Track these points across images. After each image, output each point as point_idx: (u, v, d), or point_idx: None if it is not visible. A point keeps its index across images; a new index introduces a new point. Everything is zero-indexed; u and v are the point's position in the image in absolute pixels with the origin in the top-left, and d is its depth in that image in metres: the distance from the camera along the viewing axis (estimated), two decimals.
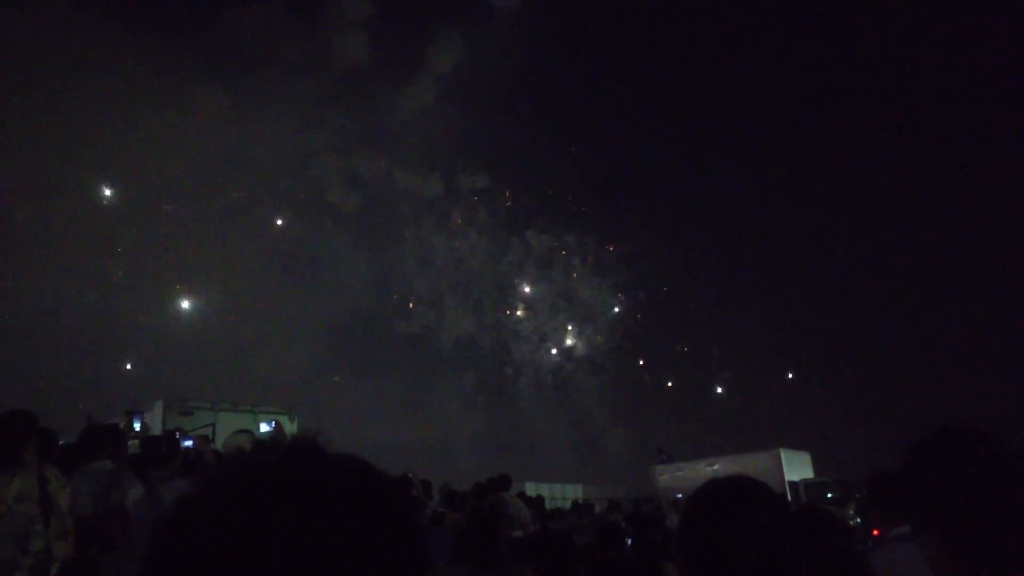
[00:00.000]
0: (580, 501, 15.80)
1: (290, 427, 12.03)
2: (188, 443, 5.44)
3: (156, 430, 9.55)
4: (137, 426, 8.51)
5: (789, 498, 16.40)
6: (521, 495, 10.26)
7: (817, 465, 22.28)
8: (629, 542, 6.10)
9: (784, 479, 19.13)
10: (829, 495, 17.33)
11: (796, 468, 20.95)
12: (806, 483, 19.12)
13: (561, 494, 21.23)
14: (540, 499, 12.46)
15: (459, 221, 39.25)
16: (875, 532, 3.34)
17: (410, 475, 8.49)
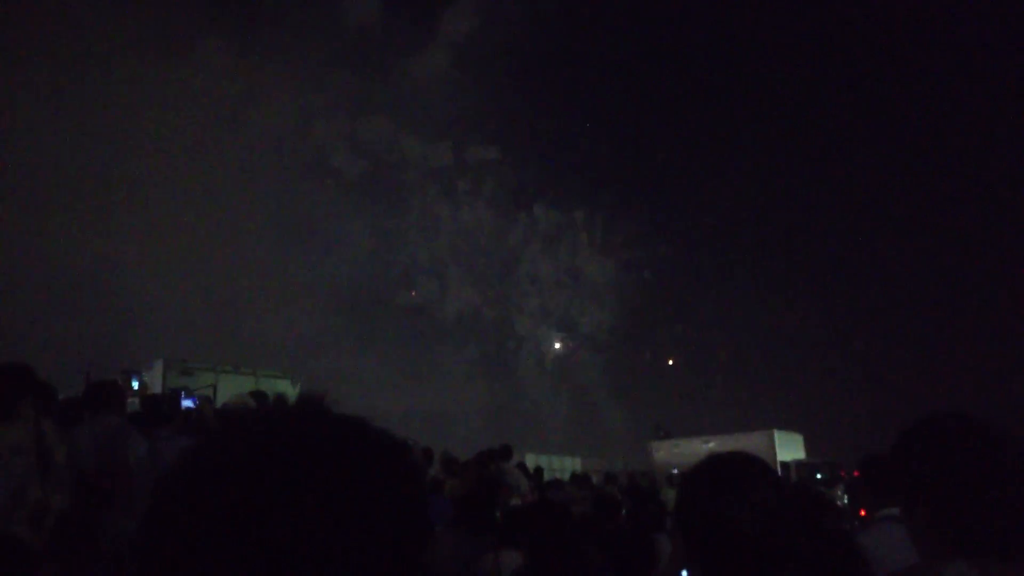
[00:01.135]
0: (578, 473, 15.98)
1: (292, 391, 12.12)
2: (189, 403, 5.48)
3: (156, 390, 9.62)
4: (136, 385, 8.56)
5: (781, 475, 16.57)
6: (520, 466, 10.37)
7: (809, 446, 22.52)
8: (624, 513, 6.18)
9: (776, 459, 19.36)
10: (819, 476, 17.55)
11: (789, 449, 21.20)
12: (797, 464, 19.34)
13: (560, 466, 21.47)
14: (539, 470, 12.60)
15: (466, 192, 38.95)
16: (863, 513, 3.39)
17: (410, 442, 8.58)
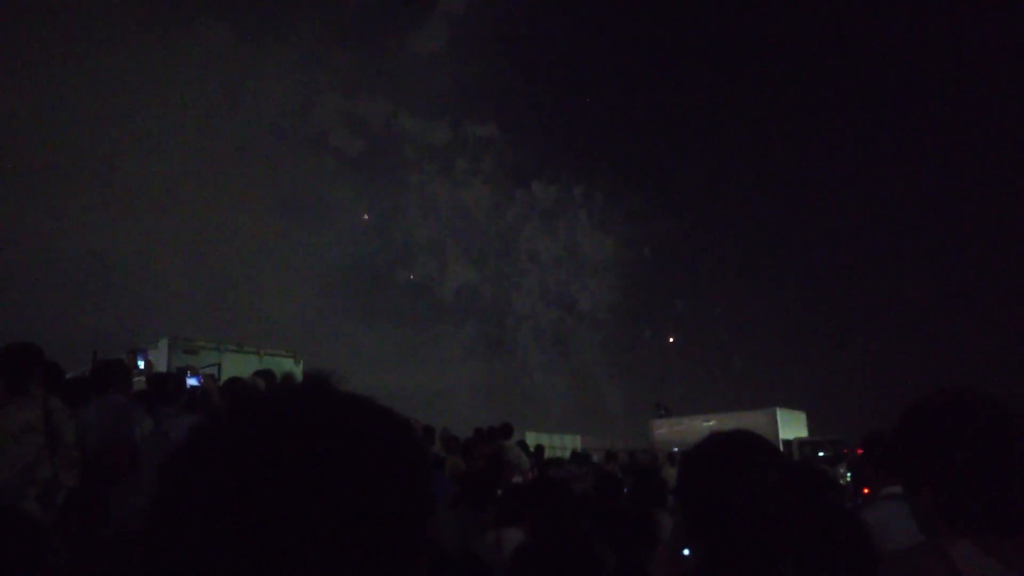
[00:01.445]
0: (578, 451, 16.08)
1: (296, 370, 12.17)
2: (194, 381, 5.51)
3: (161, 368, 9.66)
4: (141, 364, 8.59)
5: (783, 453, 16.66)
6: (521, 444, 10.44)
7: (811, 425, 22.59)
8: (625, 491, 6.22)
9: (779, 437, 19.44)
10: (821, 454, 17.62)
11: (791, 427, 21.26)
12: (799, 442, 19.41)
13: (560, 444, 21.60)
14: (540, 448, 12.68)
15: (464, 170, 38.74)
16: (865, 490, 3.40)
17: (412, 421, 8.62)
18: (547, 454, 12.85)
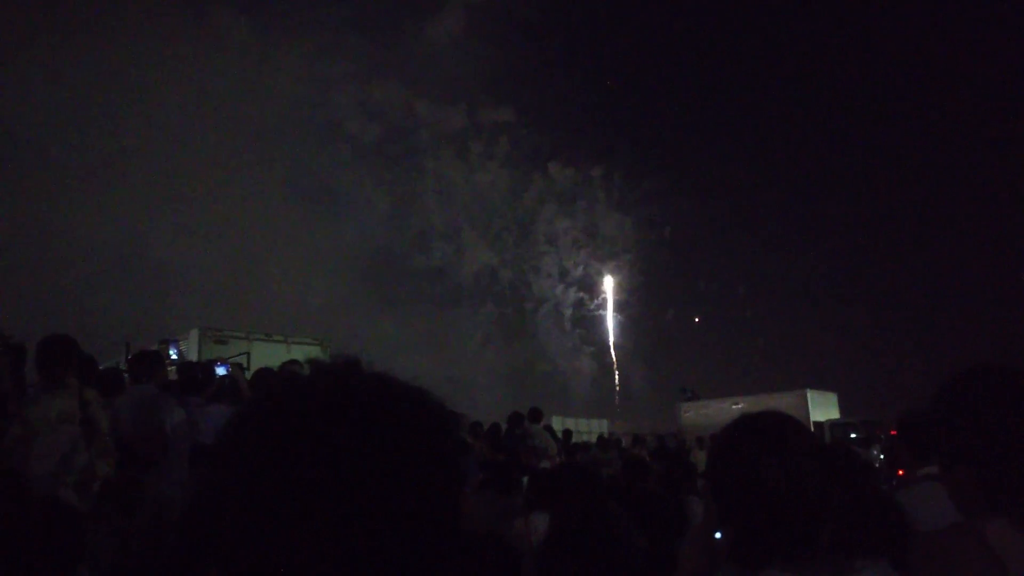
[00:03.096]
0: (604, 436, 16.08)
1: (323, 357, 12.30)
2: (222, 370, 5.59)
3: (192, 357, 9.84)
4: (174, 354, 8.73)
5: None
6: (547, 429, 10.47)
7: (843, 406, 22.27)
8: (654, 475, 6.20)
9: (810, 419, 19.20)
10: (853, 435, 17.37)
11: (822, 409, 20.98)
12: (831, 423, 19.16)
13: (587, 429, 21.62)
14: (567, 433, 12.71)
15: (480, 154, 38.63)
16: (900, 472, 3.34)
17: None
18: (574, 439, 12.87)
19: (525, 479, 4.98)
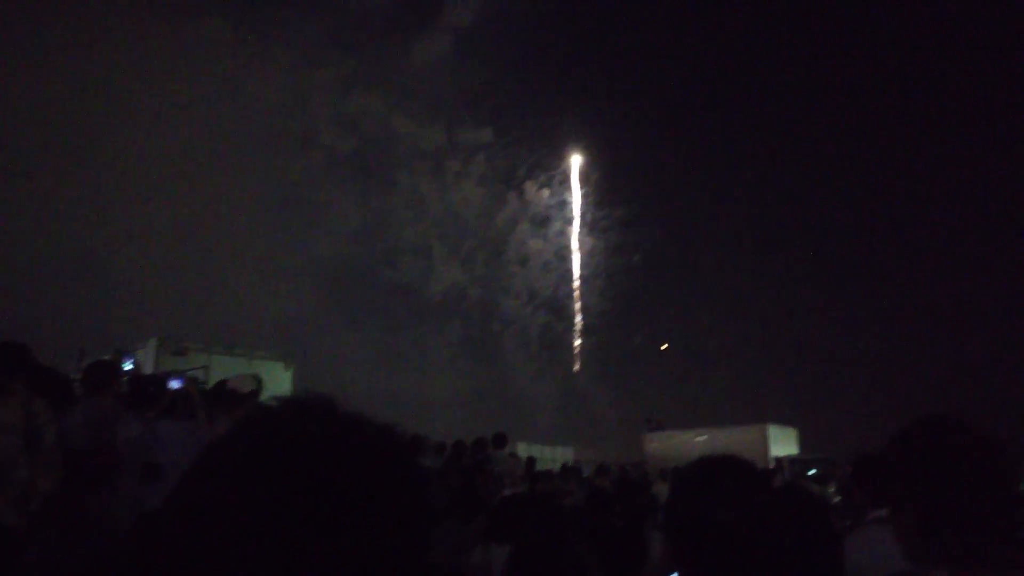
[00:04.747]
0: (569, 464, 16.01)
1: (285, 375, 12.10)
2: (176, 384, 5.44)
3: (148, 369, 9.59)
4: (128, 365, 8.49)
5: (773, 470, 16.65)
6: (512, 456, 10.39)
7: (803, 442, 22.54)
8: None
9: (769, 454, 19.40)
10: (811, 472, 17.56)
11: (782, 444, 21.21)
12: (790, 459, 19.35)
13: (551, 456, 21.52)
14: (531, 460, 12.62)
15: (456, 171, 38.73)
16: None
17: (398, 429, 8.56)
18: (539, 466, 12.78)
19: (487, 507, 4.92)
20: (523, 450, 16.93)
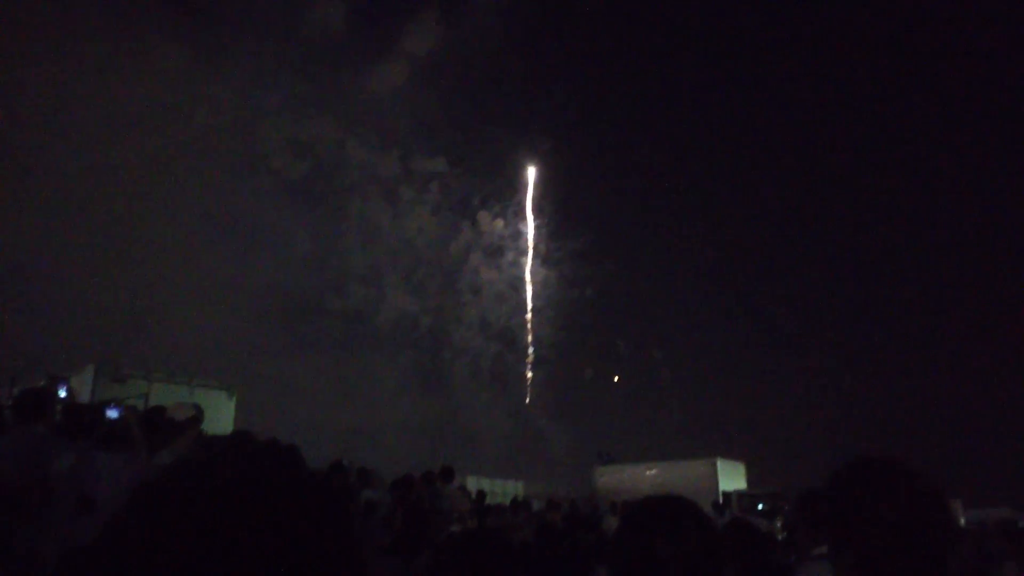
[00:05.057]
0: (519, 499, 15.86)
1: (228, 403, 11.72)
2: (113, 413, 5.21)
3: (85, 396, 9.19)
4: (63, 393, 8.10)
5: (723, 504, 16.82)
6: (461, 489, 10.24)
7: (751, 476, 22.90)
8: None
9: (718, 487, 19.61)
10: (760, 507, 17.81)
11: (731, 477, 21.49)
12: (738, 494, 19.60)
13: (502, 490, 21.30)
14: (481, 494, 12.46)
15: (410, 199, 38.64)
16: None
17: (345, 462, 8.38)
18: (488, 500, 12.63)
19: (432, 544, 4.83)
20: (472, 483, 16.71)
